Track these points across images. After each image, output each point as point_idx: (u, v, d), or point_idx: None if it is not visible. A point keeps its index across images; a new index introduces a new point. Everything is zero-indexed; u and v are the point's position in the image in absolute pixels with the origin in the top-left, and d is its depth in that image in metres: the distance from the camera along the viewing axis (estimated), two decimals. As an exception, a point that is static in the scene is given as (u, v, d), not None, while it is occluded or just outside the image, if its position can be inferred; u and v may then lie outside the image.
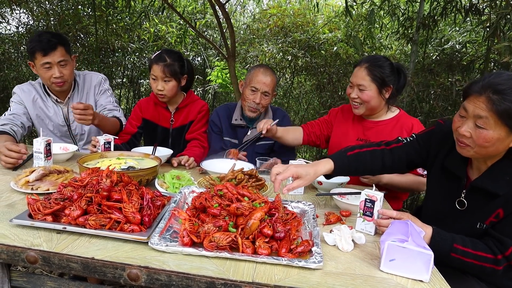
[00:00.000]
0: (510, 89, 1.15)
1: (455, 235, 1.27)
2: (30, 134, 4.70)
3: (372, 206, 1.31)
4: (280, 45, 4.90)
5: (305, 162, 1.78)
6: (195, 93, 2.85)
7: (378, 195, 1.30)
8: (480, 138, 1.21)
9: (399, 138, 1.61)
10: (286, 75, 5.63)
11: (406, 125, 2.00)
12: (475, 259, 1.23)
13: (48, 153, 1.81)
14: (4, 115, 2.22)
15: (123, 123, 2.35)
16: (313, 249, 1.09)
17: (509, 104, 1.14)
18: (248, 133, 2.32)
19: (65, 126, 2.36)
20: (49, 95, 2.29)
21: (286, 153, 2.33)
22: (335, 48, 4.67)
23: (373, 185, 1.39)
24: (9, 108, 2.27)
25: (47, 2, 4.42)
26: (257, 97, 2.22)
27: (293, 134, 2.18)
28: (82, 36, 4.83)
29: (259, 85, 2.20)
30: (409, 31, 3.90)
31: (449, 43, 3.99)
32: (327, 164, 1.47)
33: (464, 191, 1.38)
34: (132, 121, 2.38)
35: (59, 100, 2.31)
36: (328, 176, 1.56)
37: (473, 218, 1.33)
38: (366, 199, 1.32)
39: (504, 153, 1.29)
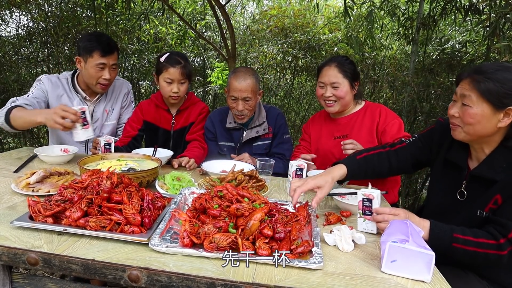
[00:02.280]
0: (492, 70, 1.26)
1: (454, 226, 1.28)
2: (32, 136, 4.71)
3: (370, 204, 1.31)
4: (280, 46, 4.90)
5: (305, 162, 1.79)
6: (195, 94, 2.85)
7: (375, 193, 1.31)
8: (466, 115, 1.30)
9: (402, 139, 1.67)
10: (287, 75, 5.63)
11: (375, 111, 2.10)
12: (478, 247, 1.23)
13: (84, 121, 1.81)
14: (23, 97, 2.13)
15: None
16: (313, 249, 1.09)
17: (490, 82, 1.23)
18: (244, 135, 2.31)
19: None
20: (77, 92, 2.32)
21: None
22: (335, 48, 4.68)
23: (369, 183, 1.39)
24: (30, 92, 2.20)
25: (46, 4, 4.42)
26: (238, 105, 2.18)
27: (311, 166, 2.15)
28: (82, 38, 4.82)
29: (237, 93, 2.15)
30: (410, 32, 3.90)
31: (449, 43, 3.99)
32: (341, 170, 1.51)
33: (464, 181, 1.42)
34: (133, 124, 2.37)
35: (88, 98, 2.34)
36: (340, 181, 1.58)
37: (473, 206, 1.36)
38: (363, 198, 1.33)
39: (500, 141, 1.34)
